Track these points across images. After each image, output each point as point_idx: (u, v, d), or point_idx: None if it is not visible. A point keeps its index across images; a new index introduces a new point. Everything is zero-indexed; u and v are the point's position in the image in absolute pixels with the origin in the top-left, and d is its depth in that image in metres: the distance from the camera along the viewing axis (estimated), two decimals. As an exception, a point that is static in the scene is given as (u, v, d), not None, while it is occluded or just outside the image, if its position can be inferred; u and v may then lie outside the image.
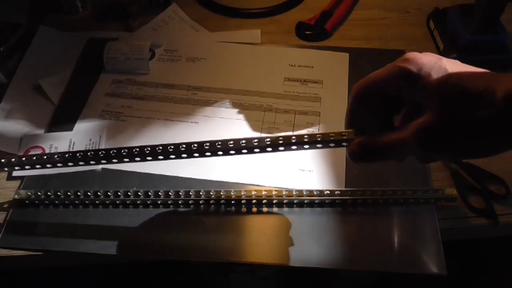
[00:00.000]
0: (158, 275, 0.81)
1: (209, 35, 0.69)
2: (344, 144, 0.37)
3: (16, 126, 0.57)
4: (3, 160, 0.46)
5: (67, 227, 0.48)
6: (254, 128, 0.56)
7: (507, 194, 0.49)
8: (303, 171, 0.52)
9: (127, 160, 0.43)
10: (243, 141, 0.41)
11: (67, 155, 0.44)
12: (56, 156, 0.44)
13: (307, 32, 0.68)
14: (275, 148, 0.40)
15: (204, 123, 0.57)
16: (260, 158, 0.53)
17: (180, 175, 0.52)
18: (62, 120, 0.58)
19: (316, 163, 0.52)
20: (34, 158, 0.45)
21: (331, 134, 0.38)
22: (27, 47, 0.66)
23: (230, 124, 0.57)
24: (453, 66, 0.32)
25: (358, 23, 0.71)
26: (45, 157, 0.45)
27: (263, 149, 0.40)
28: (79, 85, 0.62)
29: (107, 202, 0.49)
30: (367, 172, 0.52)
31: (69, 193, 0.49)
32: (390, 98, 0.35)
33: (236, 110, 0.58)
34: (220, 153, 0.41)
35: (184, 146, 0.41)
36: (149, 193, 0.49)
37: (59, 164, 0.45)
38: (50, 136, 0.55)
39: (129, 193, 0.49)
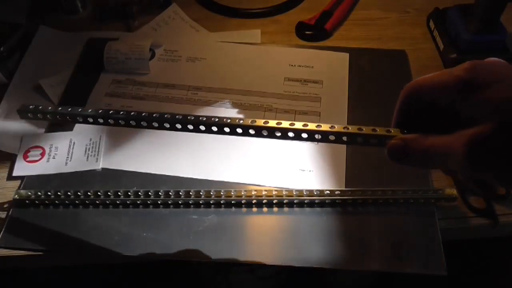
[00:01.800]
0: (158, 275, 0.81)
1: (209, 35, 0.69)
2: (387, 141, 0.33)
3: (16, 126, 0.57)
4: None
5: (67, 227, 0.48)
6: (254, 128, 0.56)
7: (507, 194, 0.49)
8: (303, 171, 0.52)
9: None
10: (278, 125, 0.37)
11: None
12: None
13: (307, 32, 0.68)
14: (311, 138, 0.37)
15: (204, 123, 0.57)
16: (260, 158, 0.53)
17: (180, 175, 0.52)
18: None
19: (316, 163, 0.52)
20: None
21: (375, 129, 0.33)
22: (27, 47, 0.66)
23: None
24: None
25: (358, 23, 0.71)
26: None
27: (299, 138, 0.37)
28: (79, 85, 0.62)
29: (107, 202, 0.49)
30: (367, 172, 0.52)
31: (69, 193, 0.49)
32: (441, 107, 0.31)
33: (236, 110, 0.58)
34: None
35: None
36: (149, 193, 0.49)
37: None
38: (50, 136, 0.55)
39: (129, 193, 0.49)
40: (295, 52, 0.66)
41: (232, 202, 0.49)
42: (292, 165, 0.52)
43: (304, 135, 0.37)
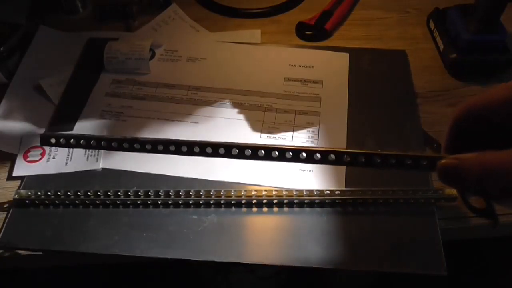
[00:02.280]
0: (158, 275, 0.81)
1: (209, 35, 0.69)
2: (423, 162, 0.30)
3: (16, 126, 0.57)
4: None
5: (67, 227, 0.48)
6: (254, 128, 0.56)
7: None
8: (303, 171, 0.52)
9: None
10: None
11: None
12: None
13: (307, 32, 0.68)
14: (353, 162, 0.32)
15: (204, 123, 0.57)
16: (260, 158, 0.53)
17: (180, 175, 0.52)
18: (62, 120, 0.58)
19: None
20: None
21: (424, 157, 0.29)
22: (27, 47, 0.66)
23: (230, 124, 0.57)
24: None
25: (358, 23, 0.71)
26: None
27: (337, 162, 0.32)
28: (79, 85, 0.62)
29: (107, 202, 0.49)
30: (367, 172, 0.52)
31: (69, 193, 0.49)
32: (495, 126, 0.28)
33: (236, 110, 0.58)
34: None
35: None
36: (149, 193, 0.49)
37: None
38: (50, 136, 0.55)
39: (129, 193, 0.49)
40: (295, 52, 0.66)
41: (232, 202, 0.49)
42: (292, 165, 0.52)
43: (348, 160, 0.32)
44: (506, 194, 0.26)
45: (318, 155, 0.31)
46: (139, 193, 0.49)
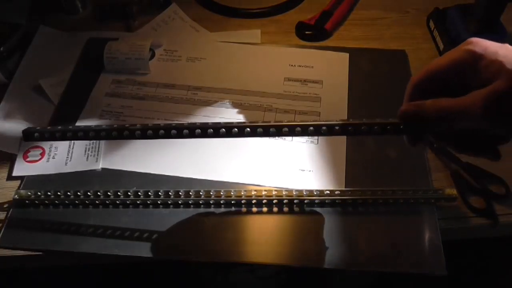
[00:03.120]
0: (158, 275, 0.81)
1: (209, 35, 0.69)
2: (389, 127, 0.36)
3: (16, 126, 0.57)
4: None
5: (67, 227, 0.48)
6: (254, 128, 0.56)
7: (507, 194, 0.49)
8: (303, 171, 0.52)
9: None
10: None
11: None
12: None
13: (307, 32, 0.68)
14: (317, 132, 0.38)
15: (204, 123, 0.57)
16: (260, 158, 0.53)
17: (180, 175, 0.52)
18: (62, 120, 0.58)
19: (316, 163, 0.52)
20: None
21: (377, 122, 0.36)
22: (27, 47, 0.66)
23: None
24: None
25: (358, 23, 0.71)
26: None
27: (307, 133, 0.38)
28: (79, 85, 0.62)
29: (107, 202, 0.49)
30: (367, 172, 0.52)
31: (69, 193, 0.49)
32: (449, 88, 0.34)
33: (236, 110, 0.58)
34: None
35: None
36: (149, 193, 0.49)
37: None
38: (50, 136, 0.55)
39: (129, 193, 0.49)
40: (295, 52, 0.66)
41: (232, 202, 0.49)
42: (292, 165, 0.52)
43: (311, 129, 0.38)
44: (433, 148, 0.35)
45: (286, 129, 0.37)
46: (139, 193, 0.49)
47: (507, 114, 0.30)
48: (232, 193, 0.49)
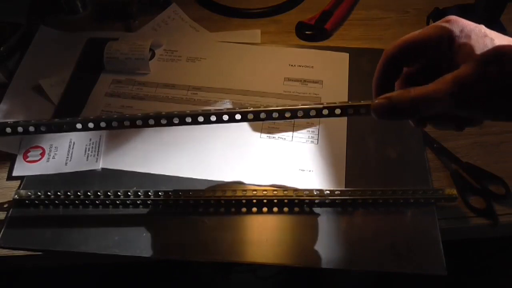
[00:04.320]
0: (158, 275, 0.81)
1: (209, 35, 0.69)
2: (362, 111, 0.37)
3: (16, 126, 0.57)
4: None
5: (67, 227, 0.48)
6: (254, 128, 0.56)
7: (507, 194, 0.49)
8: (303, 171, 0.52)
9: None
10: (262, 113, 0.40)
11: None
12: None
13: (307, 32, 0.68)
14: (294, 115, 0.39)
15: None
16: (260, 158, 0.53)
17: (180, 175, 0.52)
18: (62, 120, 0.58)
19: (316, 163, 0.52)
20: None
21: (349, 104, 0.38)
22: (27, 47, 0.66)
23: (230, 124, 0.57)
24: (492, 32, 0.32)
25: (358, 23, 0.71)
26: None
27: (283, 117, 0.39)
28: (79, 85, 0.62)
29: (107, 202, 0.49)
30: (367, 172, 0.52)
31: (69, 193, 0.49)
32: (422, 63, 0.34)
33: (236, 110, 0.58)
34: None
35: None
36: (149, 193, 0.49)
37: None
38: (50, 136, 0.55)
39: (129, 193, 0.49)
40: (295, 52, 0.66)
41: (232, 202, 0.49)
42: (292, 165, 0.52)
43: (288, 114, 0.39)
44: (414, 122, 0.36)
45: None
46: (139, 193, 0.49)
47: (473, 100, 0.30)
48: (232, 193, 0.49)
